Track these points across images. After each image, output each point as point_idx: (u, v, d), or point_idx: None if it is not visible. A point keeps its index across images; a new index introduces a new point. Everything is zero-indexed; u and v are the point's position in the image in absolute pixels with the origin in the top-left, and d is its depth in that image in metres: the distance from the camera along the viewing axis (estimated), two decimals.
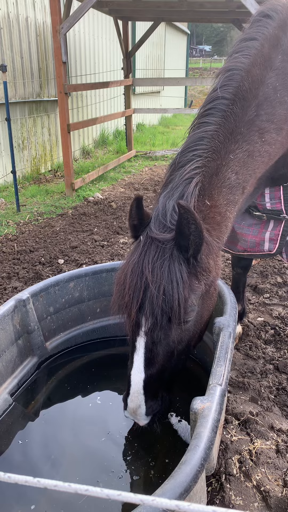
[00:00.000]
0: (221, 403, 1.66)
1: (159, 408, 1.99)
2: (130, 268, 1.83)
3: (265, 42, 2.16)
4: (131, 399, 1.93)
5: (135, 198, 1.88)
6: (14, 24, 8.05)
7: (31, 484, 0.58)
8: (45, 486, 0.59)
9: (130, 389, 1.92)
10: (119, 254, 5.15)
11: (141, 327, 1.85)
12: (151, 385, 1.91)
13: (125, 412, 2.00)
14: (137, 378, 1.89)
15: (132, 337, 1.92)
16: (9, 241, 5.58)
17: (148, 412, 1.94)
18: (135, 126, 15.33)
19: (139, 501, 0.58)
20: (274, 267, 4.78)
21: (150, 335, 1.84)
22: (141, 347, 1.87)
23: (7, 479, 0.59)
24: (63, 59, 7.02)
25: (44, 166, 9.52)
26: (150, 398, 1.93)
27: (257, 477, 2.20)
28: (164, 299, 1.74)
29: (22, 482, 0.58)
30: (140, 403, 1.91)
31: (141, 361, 1.88)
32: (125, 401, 1.98)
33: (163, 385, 2.01)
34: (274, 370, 3.09)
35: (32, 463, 2.18)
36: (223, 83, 2.11)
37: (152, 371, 1.90)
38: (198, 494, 1.50)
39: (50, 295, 2.83)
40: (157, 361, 1.90)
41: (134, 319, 1.83)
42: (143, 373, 1.88)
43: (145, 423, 1.98)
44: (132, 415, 1.98)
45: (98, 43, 11.90)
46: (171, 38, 20.87)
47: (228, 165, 2.02)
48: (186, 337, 1.94)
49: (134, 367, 1.90)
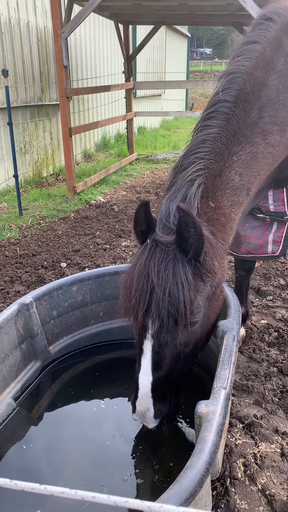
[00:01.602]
0: (225, 406, 1.65)
1: (168, 411, 1.98)
2: (136, 271, 1.82)
3: (267, 45, 2.16)
4: (139, 402, 1.92)
5: (143, 203, 1.83)
6: (16, 29, 8.09)
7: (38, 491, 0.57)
8: (51, 493, 0.58)
9: (138, 392, 1.92)
10: (122, 257, 5.15)
11: (148, 330, 1.84)
12: (159, 388, 1.91)
13: (134, 415, 2.00)
14: (145, 381, 1.89)
15: (139, 340, 1.91)
16: (11, 245, 5.59)
17: (157, 415, 1.93)
18: (137, 129, 15.36)
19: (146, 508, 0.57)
20: (277, 269, 4.77)
21: (157, 337, 1.84)
22: (148, 350, 1.87)
23: (13, 486, 0.58)
24: (64, 63, 7.04)
25: (46, 170, 9.54)
26: (158, 401, 1.92)
27: (262, 481, 2.19)
28: (170, 301, 1.74)
29: (29, 489, 0.58)
30: (148, 406, 1.91)
31: (149, 364, 1.87)
32: (133, 404, 1.97)
33: (171, 387, 2.00)
34: (278, 373, 3.08)
35: (36, 467, 2.18)
36: (225, 86, 2.12)
37: (160, 374, 1.89)
38: (203, 499, 1.49)
39: (53, 299, 2.83)
40: (164, 364, 1.89)
41: (141, 322, 1.83)
42: (151, 376, 1.88)
43: (154, 426, 1.97)
44: (140, 418, 1.97)
45: (99, 47, 11.94)
46: (172, 41, 20.93)
47: (231, 167, 2.02)
48: (193, 339, 1.94)
49: (141, 370, 1.90)
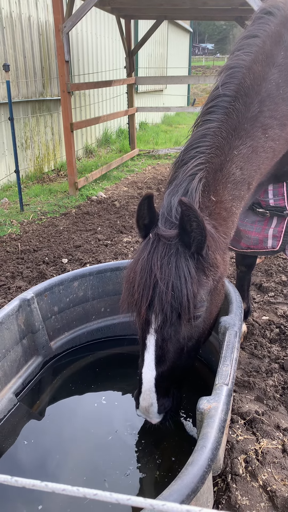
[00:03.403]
0: (227, 403, 1.64)
1: (171, 405, 1.98)
2: (139, 266, 1.82)
3: (267, 39, 2.15)
4: (143, 397, 1.92)
5: (146, 196, 1.82)
6: (17, 23, 8.04)
7: (39, 488, 0.56)
8: (53, 490, 0.58)
9: (141, 388, 1.91)
10: (123, 253, 5.14)
11: (151, 324, 1.84)
12: (162, 382, 1.90)
13: (137, 411, 1.99)
14: (148, 376, 1.88)
15: (142, 334, 1.91)
16: (13, 240, 5.58)
17: (160, 410, 1.93)
18: (138, 125, 15.30)
19: (149, 505, 0.57)
20: (279, 265, 4.75)
21: (161, 332, 1.83)
22: (152, 345, 1.86)
23: (14, 483, 0.57)
24: (66, 58, 7.00)
25: (47, 165, 9.52)
26: (162, 396, 1.92)
27: (264, 477, 2.19)
28: (173, 295, 1.73)
29: (30, 486, 0.57)
30: (152, 401, 1.90)
31: (152, 359, 1.87)
32: (136, 400, 1.97)
33: (174, 382, 1.99)
34: (280, 369, 3.07)
35: (37, 462, 2.18)
36: (224, 80, 2.12)
37: (163, 368, 1.89)
38: (205, 495, 1.49)
39: (55, 294, 2.82)
40: (168, 359, 1.89)
41: (144, 317, 1.83)
42: (155, 371, 1.87)
43: (157, 421, 1.97)
44: (144, 413, 1.97)
45: (101, 41, 11.87)
46: (174, 36, 20.81)
47: (232, 161, 2.01)
48: (196, 333, 1.94)
49: (145, 365, 1.89)
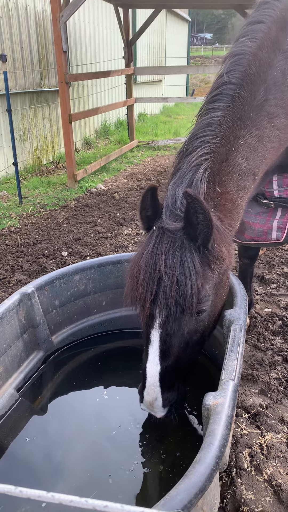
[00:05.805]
0: (234, 398, 1.61)
1: (176, 398, 1.96)
2: (143, 259, 1.78)
3: (272, 25, 2.09)
4: (147, 392, 1.90)
5: (150, 187, 1.79)
6: (14, 13, 7.91)
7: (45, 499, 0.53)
8: (60, 501, 0.54)
9: (146, 382, 1.89)
10: (123, 245, 5.09)
11: (155, 319, 1.81)
12: (167, 377, 1.88)
13: (142, 405, 1.97)
14: (153, 371, 1.86)
15: (146, 329, 1.88)
16: (12, 233, 5.53)
17: (165, 404, 1.91)
18: (137, 116, 15.17)
19: None
20: (281, 257, 4.71)
21: (165, 327, 1.81)
22: (156, 339, 1.84)
23: (18, 494, 0.54)
24: (63, 48, 6.90)
25: (45, 157, 9.43)
26: (166, 390, 1.90)
27: (269, 471, 2.17)
28: (178, 290, 1.70)
29: (35, 497, 0.53)
30: (156, 396, 1.88)
31: (156, 353, 1.85)
32: (141, 394, 1.95)
33: (179, 376, 1.97)
34: (283, 362, 3.04)
35: (40, 459, 2.15)
36: (229, 68, 2.06)
37: (168, 363, 1.86)
38: (212, 492, 1.46)
39: (55, 288, 2.78)
40: (172, 353, 1.86)
41: (148, 311, 1.80)
42: (159, 365, 1.85)
43: (162, 415, 1.95)
44: (148, 408, 1.95)
45: (99, 31, 11.72)
46: (172, 25, 20.57)
47: (237, 151, 1.96)
48: (200, 327, 1.91)
49: (149, 360, 1.87)
